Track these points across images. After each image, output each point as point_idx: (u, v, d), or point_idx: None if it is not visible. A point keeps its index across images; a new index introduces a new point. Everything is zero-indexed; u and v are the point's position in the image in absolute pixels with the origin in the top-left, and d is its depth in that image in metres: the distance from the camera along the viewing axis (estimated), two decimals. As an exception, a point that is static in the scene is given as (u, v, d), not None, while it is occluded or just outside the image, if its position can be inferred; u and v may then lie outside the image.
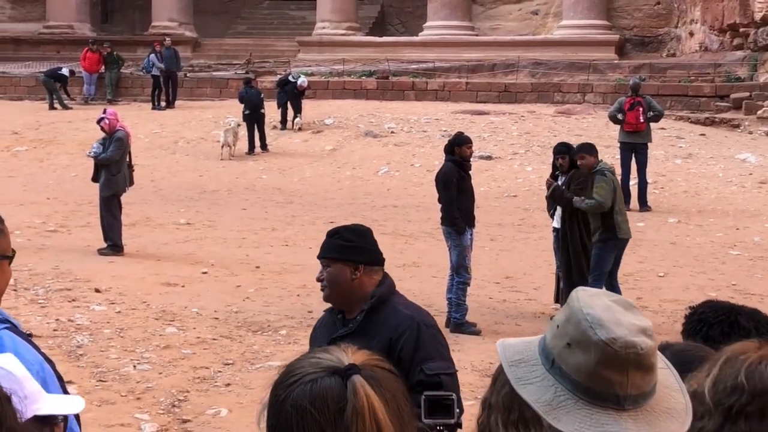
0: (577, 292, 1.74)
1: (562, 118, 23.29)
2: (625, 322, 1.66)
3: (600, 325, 1.65)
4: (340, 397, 1.62)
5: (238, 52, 30.34)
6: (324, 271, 3.81)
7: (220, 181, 19.09)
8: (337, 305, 3.89)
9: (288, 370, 1.69)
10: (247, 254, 12.43)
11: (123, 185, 12.49)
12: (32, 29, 32.86)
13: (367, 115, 23.97)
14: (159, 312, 9.46)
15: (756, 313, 2.69)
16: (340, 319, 3.87)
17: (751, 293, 10.69)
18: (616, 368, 1.63)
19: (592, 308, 1.68)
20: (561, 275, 9.74)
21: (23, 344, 2.57)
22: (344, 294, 3.82)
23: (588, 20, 27.91)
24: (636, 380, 1.64)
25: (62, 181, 18.76)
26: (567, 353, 1.67)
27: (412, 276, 11.19)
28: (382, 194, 17.90)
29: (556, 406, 1.66)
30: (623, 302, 1.72)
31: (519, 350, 1.75)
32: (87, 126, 21.27)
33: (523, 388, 1.69)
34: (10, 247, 2.75)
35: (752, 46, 24.18)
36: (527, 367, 1.72)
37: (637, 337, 1.64)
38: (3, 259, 2.69)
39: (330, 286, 3.80)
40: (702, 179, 18.52)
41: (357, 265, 3.77)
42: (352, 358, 1.69)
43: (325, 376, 1.65)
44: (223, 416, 6.81)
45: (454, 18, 29.03)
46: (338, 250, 3.81)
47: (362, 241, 3.83)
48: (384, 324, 3.74)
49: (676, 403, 1.71)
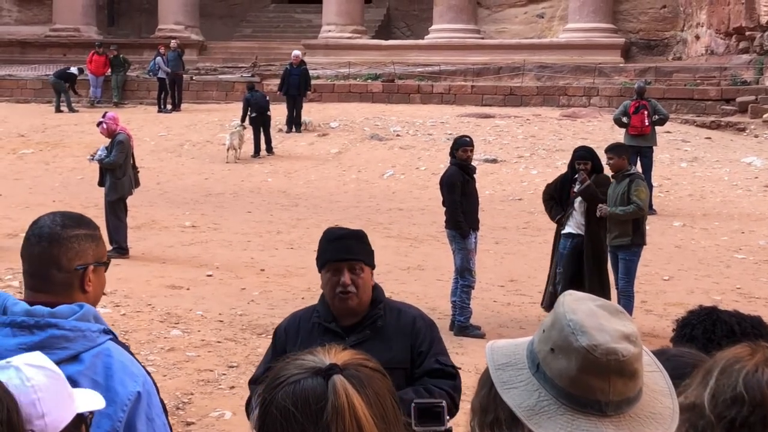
0: (564, 296, 1.73)
1: (567, 121, 23.28)
2: (608, 328, 1.65)
3: (582, 332, 1.64)
4: (320, 397, 1.62)
5: (244, 55, 30.40)
6: (353, 276, 3.63)
7: (226, 183, 19.11)
8: (351, 313, 3.70)
9: (274, 373, 1.70)
10: (252, 257, 12.44)
11: (129, 188, 12.52)
12: (39, 32, 32.96)
13: (373, 118, 23.99)
14: (164, 314, 9.48)
15: (737, 313, 2.74)
16: (332, 326, 3.70)
17: (756, 297, 10.68)
18: (598, 375, 1.63)
19: (575, 314, 1.67)
20: (562, 281, 9.52)
21: (127, 356, 2.59)
22: (367, 299, 3.69)
23: (594, 23, 27.91)
24: (618, 387, 1.63)
25: (68, 183, 18.79)
26: (551, 358, 1.67)
27: (416, 279, 11.18)
28: (387, 197, 17.90)
29: (538, 411, 1.65)
30: (609, 307, 1.71)
31: (506, 353, 1.75)
32: (93, 129, 21.23)
33: (507, 393, 1.69)
34: (106, 253, 2.77)
35: (758, 49, 24.17)
36: (513, 370, 1.72)
37: (619, 344, 1.63)
38: (100, 266, 2.70)
39: (360, 291, 3.64)
40: (707, 183, 18.50)
41: (373, 268, 3.76)
42: (335, 358, 1.69)
43: (308, 377, 1.65)
44: (227, 419, 6.82)
45: (459, 21, 29.05)
46: (366, 254, 3.70)
47: (369, 245, 3.80)
48: (396, 325, 3.72)
49: (663, 408, 1.70)
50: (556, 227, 9.88)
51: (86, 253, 2.65)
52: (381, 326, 3.69)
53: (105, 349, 2.53)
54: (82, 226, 2.69)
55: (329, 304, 3.73)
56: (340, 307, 3.67)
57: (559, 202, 9.73)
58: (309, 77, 24.00)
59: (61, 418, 2.03)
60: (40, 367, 2.04)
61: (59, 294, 2.60)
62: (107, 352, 2.52)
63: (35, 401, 1.98)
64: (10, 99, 28.55)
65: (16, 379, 1.98)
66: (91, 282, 2.66)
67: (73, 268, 2.63)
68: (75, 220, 2.70)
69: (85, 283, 2.65)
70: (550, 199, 9.86)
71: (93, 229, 2.72)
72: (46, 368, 2.05)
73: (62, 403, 2.05)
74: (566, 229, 9.63)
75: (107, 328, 2.58)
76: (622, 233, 9.22)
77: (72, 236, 2.64)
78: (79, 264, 2.63)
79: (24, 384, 1.99)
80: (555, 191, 9.82)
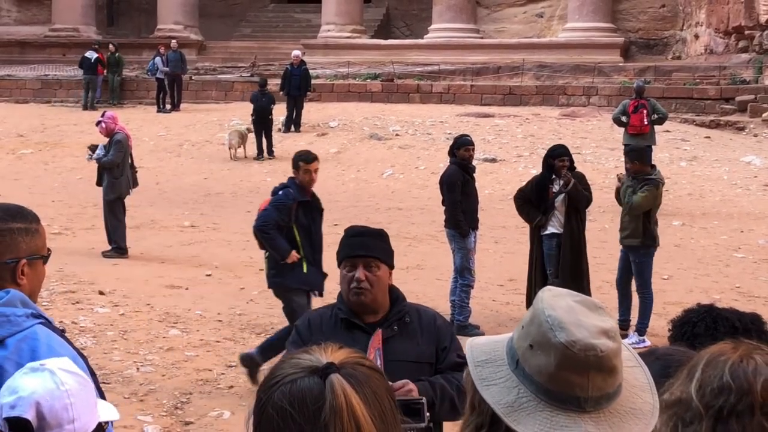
0: (543, 292, 1.73)
1: (566, 120, 23.28)
2: (586, 324, 1.65)
3: (560, 327, 1.64)
4: (318, 397, 1.59)
5: (243, 54, 30.39)
6: (367, 272, 3.67)
7: (225, 183, 19.11)
8: (366, 310, 3.74)
9: (270, 372, 1.68)
10: (251, 256, 12.41)
11: (126, 188, 12.50)
12: (38, 32, 32.94)
13: (372, 117, 23.99)
14: (162, 314, 9.47)
15: (734, 310, 2.74)
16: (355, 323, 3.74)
17: (756, 296, 10.68)
18: (576, 371, 1.62)
19: (554, 310, 1.67)
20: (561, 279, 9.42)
21: (57, 339, 2.58)
22: (382, 298, 3.74)
23: (593, 23, 27.91)
24: (597, 382, 1.63)
25: (67, 183, 18.79)
26: (529, 354, 1.67)
27: (415, 279, 11.18)
28: (386, 197, 17.89)
29: (518, 408, 1.65)
30: (588, 303, 1.71)
31: (486, 350, 1.75)
32: (92, 129, 21.25)
33: (486, 390, 1.69)
34: (46, 246, 2.76)
35: (757, 48, 24.17)
36: (493, 367, 1.71)
37: (597, 340, 1.63)
38: (38, 259, 2.70)
39: (374, 288, 3.67)
40: (707, 182, 18.50)
41: (391, 268, 3.80)
42: (332, 356, 1.66)
43: (305, 376, 1.62)
44: (225, 418, 6.82)
45: (458, 21, 29.04)
46: (383, 252, 3.74)
47: (390, 245, 3.84)
48: (420, 323, 3.80)
49: (643, 404, 1.70)
50: (533, 230, 9.66)
51: (18, 246, 2.65)
52: (408, 322, 3.76)
53: (32, 332, 2.51)
54: (18, 219, 2.68)
55: (345, 300, 3.77)
56: (354, 302, 3.71)
57: (537, 205, 9.49)
58: (310, 77, 24.01)
59: (88, 425, 2.06)
60: (72, 372, 2.06)
61: None
62: (33, 335, 2.51)
63: (68, 406, 2.00)
64: (9, 99, 28.54)
65: (51, 383, 2.01)
66: (25, 275, 2.66)
67: (3, 261, 2.62)
68: (11, 213, 2.69)
69: (17, 276, 2.64)
70: (526, 203, 9.58)
71: (30, 222, 2.70)
72: (77, 374, 2.07)
73: (90, 410, 2.07)
74: (549, 229, 9.44)
75: (36, 312, 2.57)
76: (632, 233, 9.23)
77: (4, 230, 2.63)
78: (9, 258, 2.63)
79: (59, 388, 2.01)
80: (532, 193, 9.54)
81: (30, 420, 1.96)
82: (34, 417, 1.97)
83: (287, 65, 24.17)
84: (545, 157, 9.60)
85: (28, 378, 2.01)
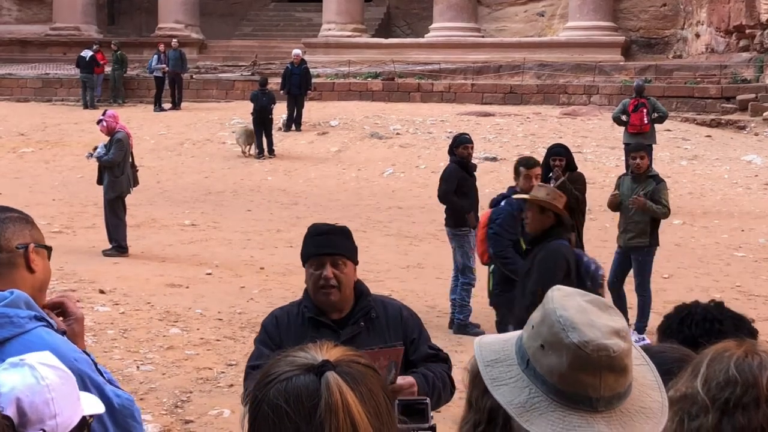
0: (553, 291, 1.72)
1: (567, 119, 23.28)
2: (598, 324, 1.65)
3: (573, 328, 1.64)
4: (313, 394, 1.59)
5: (244, 53, 30.40)
6: (335, 270, 3.67)
7: (226, 182, 19.11)
8: (334, 308, 3.74)
9: (265, 370, 1.67)
10: (252, 255, 12.44)
11: (127, 187, 12.50)
12: (39, 31, 32.94)
13: (373, 116, 23.98)
14: (163, 313, 9.47)
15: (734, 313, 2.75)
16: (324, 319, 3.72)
17: (756, 295, 10.68)
18: (589, 371, 1.62)
19: (565, 310, 1.66)
20: None
21: (61, 339, 2.57)
22: (349, 294, 3.74)
23: (594, 22, 27.90)
24: (609, 382, 1.63)
25: (68, 182, 18.78)
26: (541, 354, 1.66)
27: (416, 277, 11.18)
28: (387, 195, 17.89)
29: (529, 408, 1.65)
30: (598, 302, 1.71)
31: (495, 349, 1.74)
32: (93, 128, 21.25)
33: (497, 390, 1.68)
34: (44, 239, 2.77)
35: (758, 47, 24.16)
36: (503, 367, 1.71)
37: (609, 340, 1.63)
38: (41, 248, 2.70)
39: (341, 287, 3.68)
40: (707, 181, 18.49)
41: (356, 264, 3.80)
42: (327, 354, 1.66)
43: (300, 374, 1.62)
44: (226, 417, 6.82)
45: (459, 19, 29.03)
46: (348, 249, 3.74)
47: (353, 241, 3.84)
48: (386, 317, 3.78)
49: (652, 402, 1.70)
50: None
51: (23, 233, 2.66)
52: (374, 318, 3.74)
53: (33, 334, 2.51)
54: (12, 211, 2.72)
55: (312, 299, 3.75)
56: (323, 301, 3.70)
57: None
58: (310, 76, 24.02)
59: (71, 419, 2.03)
60: (53, 366, 2.03)
61: (4, 276, 2.61)
62: (35, 338, 2.50)
63: (49, 401, 1.97)
64: (10, 98, 28.54)
65: (31, 378, 1.98)
66: (36, 262, 2.66)
67: (14, 246, 2.63)
68: (2, 208, 2.72)
69: (30, 261, 2.64)
70: None
71: (24, 215, 2.73)
72: (58, 368, 2.04)
73: (72, 405, 2.05)
74: None
75: (39, 314, 2.56)
76: (639, 234, 9.25)
77: (5, 218, 2.66)
78: (19, 243, 2.64)
79: (39, 383, 1.98)
80: None
81: (10, 416, 1.93)
82: (15, 413, 1.93)
83: (288, 64, 24.17)
84: (545, 157, 9.72)
85: (8, 374, 1.98)
